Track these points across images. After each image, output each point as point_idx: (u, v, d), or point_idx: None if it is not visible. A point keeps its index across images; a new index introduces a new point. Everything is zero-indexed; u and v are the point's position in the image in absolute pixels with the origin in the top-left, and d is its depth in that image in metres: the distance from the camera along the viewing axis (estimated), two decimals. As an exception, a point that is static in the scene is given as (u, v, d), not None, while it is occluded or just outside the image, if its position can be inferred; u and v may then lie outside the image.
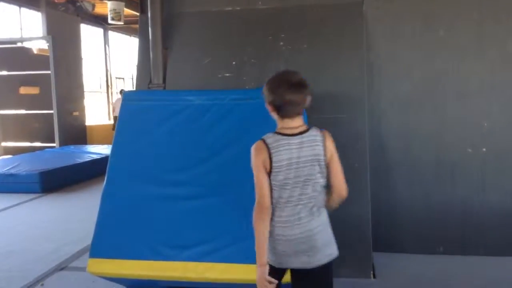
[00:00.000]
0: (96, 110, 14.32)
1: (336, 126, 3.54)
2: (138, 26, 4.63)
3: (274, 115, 2.02)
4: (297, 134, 1.98)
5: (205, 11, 4.33)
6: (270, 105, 2.00)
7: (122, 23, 10.47)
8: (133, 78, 15.54)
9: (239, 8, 4.25)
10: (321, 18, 4.11)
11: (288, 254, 2.00)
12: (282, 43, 4.11)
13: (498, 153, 3.97)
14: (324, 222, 2.05)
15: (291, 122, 1.99)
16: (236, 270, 2.92)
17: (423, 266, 3.77)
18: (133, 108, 3.69)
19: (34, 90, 10.82)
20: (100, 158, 8.36)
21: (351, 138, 3.76)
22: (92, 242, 3.23)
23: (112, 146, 3.58)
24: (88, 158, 8.50)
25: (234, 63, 4.16)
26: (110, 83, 15.25)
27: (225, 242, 3.04)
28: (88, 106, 13.09)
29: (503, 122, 3.98)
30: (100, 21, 13.67)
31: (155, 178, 3.35)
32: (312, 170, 1.97)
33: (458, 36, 4.02)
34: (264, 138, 2.00)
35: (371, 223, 3.69)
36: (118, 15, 9.95)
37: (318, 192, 2.01)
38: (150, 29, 4.19)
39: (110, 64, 15.25)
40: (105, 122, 14.03)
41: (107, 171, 3.44)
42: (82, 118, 12.53)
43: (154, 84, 4.22)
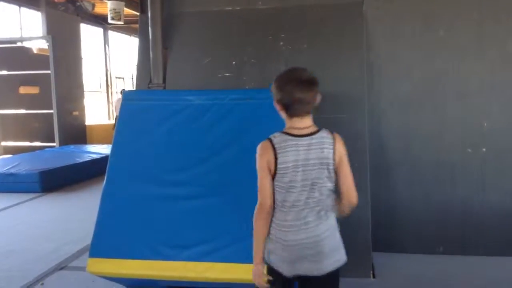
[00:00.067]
0: (96, 110, 14.31)
1: (336, 126, 3.49)
2: (138, 26, 4.64)
3: (283, 114, 1.93)
4: (306, 135, 1.89)
5: (205, 11, 4.33)
6: (278, 103, 1.91)
7: (122, 23, 10.46)
8: (133, 78, 15.53)
9: (239, 8, 4.25)
10: (321, 18, 4.11)
11: (289, 261, 1.91)
12: (282, 43, 4.11)
13: (498, 153, 3.97)
14: (332, 226, 1.95)
15: (300, 122, 1.90)
16: (235, 270, 2.92)
17: (423, 266, 3.77)
18: (133, 107, 3.69)
19: (34, 90, 10.82)
20: (100, 158, 8.36)
21: (351, 138, 3.74)
22: (92, 241, 3.23)
23: (112, 145, 3.58)
24: (88, 157, 8.49)
25: (234, 63, 4.16)
26: (110, 83, 15.24)
27: (225, 242, 3.03)
28: (88, 105, 13.10)
29: (503, 122, 3.99)
30: (100, 20, 13.66)
31: (155, 178, 3.35)
32: (320, 174, 1.88)
33: (458, 36, 4.02)
34: (271, 137, 1.91)
35: (371, 223, 3.70)
36: (118, 15, 9.94)
37: (326, 195, 1.92)
38: (150, 29, 4.19)
39: (110, 64, 15.23)
40: (105, 121, 14.01)
41: (107, 171, 3.44)
42: (82, 117, 12.53)
43: (154, 84, 4.22)
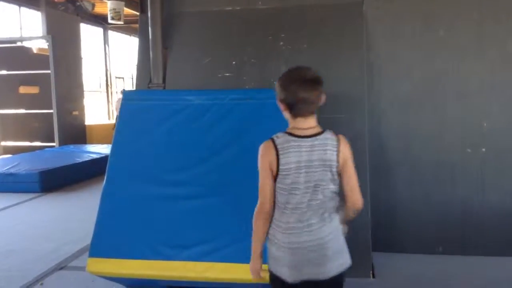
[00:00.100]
0: (95, 110, 14.30)
1: (335, 126, 3.50)
2: (138, 25, 4.64)
3: (286, 114, 1.89)
4: (309, 136, 1.85)
5: (205, 11, 4.33)
6: (282, 103, 1.87)
7: (122, 23, 10.45)
8: (133, 78, 15.53)
9: (239, 8, 4.25)
10: (321, 18, 4.11)
11: (292, 265, 1.86)
12: (282, 43, 4.11)
13: (497, 153, 3.97)
14: (336, 228, 1.91)
15: (304, 122, 1.86)
16: (235, 270, 2.91)
17: (423, 266, 3.77)
18: (133, 107, 3.69)
19: (34, 90, 10.82)
20: (99, 158, 8.36)
21: (351, 138, 3.72)
22: (91, 241, 3.23)
23: (112, 145, 3.58)
24: (87, 157, 8.49)
25: (234, 63, 4.16)
26: (110, 83, 15.22)
27: (224, 241, 3.03)
28: (87, 105, 13.09)
29: (503, 122, 3.99)
30: (100, 20, 13.65)
31: (155, 177, 3.35)
32: (323, 176, 1.84)
33: (458, 36, 4.02)
34: (273, 137, 1.87)
35: (371, 223, 3.69)
36: (118, 15, 9.94)
37: (329, 198, 1.88)
38: (150, 28, 4.19)
39: (110, 63, 15.22)
40: (104, 121, 14.01)
41: (107, 171, 3.44)
42: (81, 117, 12.52)
43: (154, 83, 4.22)
